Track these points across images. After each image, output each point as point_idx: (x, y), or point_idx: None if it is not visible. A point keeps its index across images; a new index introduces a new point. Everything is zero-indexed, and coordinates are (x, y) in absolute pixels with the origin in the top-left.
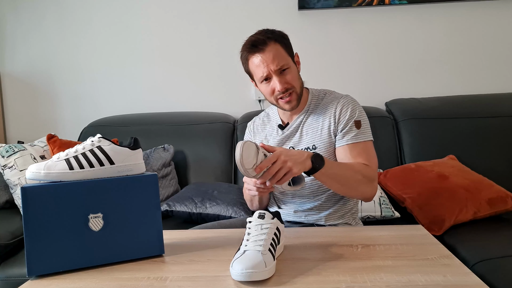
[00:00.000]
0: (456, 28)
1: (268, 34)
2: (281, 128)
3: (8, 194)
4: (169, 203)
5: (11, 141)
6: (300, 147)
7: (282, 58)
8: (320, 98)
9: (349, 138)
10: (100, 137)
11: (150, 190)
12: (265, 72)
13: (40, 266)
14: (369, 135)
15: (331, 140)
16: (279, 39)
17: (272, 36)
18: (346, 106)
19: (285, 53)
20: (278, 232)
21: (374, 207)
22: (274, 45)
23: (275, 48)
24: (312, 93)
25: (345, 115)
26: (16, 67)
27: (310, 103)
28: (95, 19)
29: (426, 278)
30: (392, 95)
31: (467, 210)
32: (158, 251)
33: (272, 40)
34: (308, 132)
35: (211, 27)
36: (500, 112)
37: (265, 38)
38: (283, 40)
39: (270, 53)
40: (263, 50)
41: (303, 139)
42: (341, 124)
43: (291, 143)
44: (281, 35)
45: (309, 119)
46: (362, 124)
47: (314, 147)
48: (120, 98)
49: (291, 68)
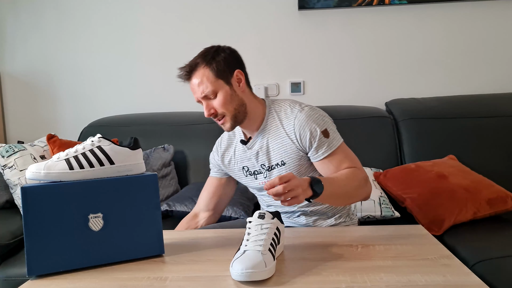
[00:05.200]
0: (456, 28)
1: (197, 59)
2: (244, 143)
3: (8, 194)
4: (169, 203)
5: (11, 141)
6: (272, 163)
7: (208, 85)
8: (276, 112)
9: (324, 151)
10: (100, 137)
11: (150, 190)
12: (195, 97)
13: (40, 266)
14: (339, 137)
15: (299, 155)
16: (209, 62)
17: (200, 61)
18: (303, 127)
19: (213, 77)
20: (278, 232)
21: (374, 207)
22: (202, 70)
23: (201, 74)
24: (268, 106)
25: (306, 135)
26: (16, 67)
27: (267, 118)
28: (95, 19)
29: (426, 278)
30: (392, 95)
31: (467, 210)
32: (158, 251)
33: (200, 66)
34: (274, 148)
35: (211, 27)
36: (500, 112)
37: (193, 64)
38: (213, 61)
39: (196, 80)
40: (190, 78)
41: (271, 156)
42: (307, 143)
43: (261, 159)
44: (213, 55)
45: (271, 135)
46: (329, 131)
47: (283, 162)
48: (120, 98)
49: (220, 92)
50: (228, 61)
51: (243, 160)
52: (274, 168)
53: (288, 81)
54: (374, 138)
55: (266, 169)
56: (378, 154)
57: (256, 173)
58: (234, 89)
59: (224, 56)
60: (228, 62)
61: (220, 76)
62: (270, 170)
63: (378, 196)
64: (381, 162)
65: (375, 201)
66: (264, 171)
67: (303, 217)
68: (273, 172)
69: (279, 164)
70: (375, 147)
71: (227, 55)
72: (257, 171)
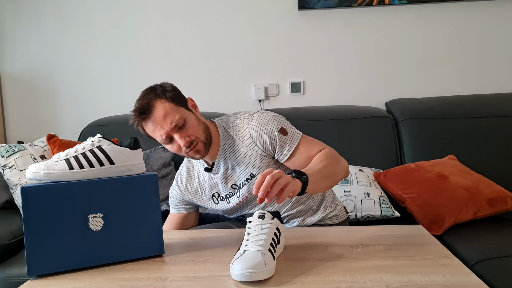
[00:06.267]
0: (456, 28)
1: (150, 95)
2: (208, 170)
3: (8, 194)
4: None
5: (11, 141)
6: (240, 180)
7: (174, 114)
8: (228, 127)
9: (288, 148)
10: (100, 137)
11: (150, 190)
12: (163, 134)
13: (40, 266)
14: (297, 131)
15: (266, 161)
16: (163, 95)
17: (154, 96)
18: (259, 130)
19: (174, 107)
20: (278, 232)
21: (374, 207)
22: (160, 104)
23: (162, 106)
24: (220, 125)
25: (265, 140)
26: (16, 67)
27: (223, 137)
28: (95, 19)
29: (426, 278)
30: (392, 95)
31: (467, 210)
32: (158, 251)
33: (156, 100)
34: (240, 164)
35: (211, 27)
36: (500, 112)
37: (148, 101)
38: (167, 93)
39: (160, 114)
40: (151, 114)
41: (238, 173)
42: (269, 146)
43: (230, 180)
44: (163, 90)
45: (231, 152)
46: (285, 128)
47: (251, 175)
48: (120, 98)
49: (187, 118)
50: (176, 91)
51: (212, 187)
52: (245, 184)
53: (288, 81)
54: (374, 138)
55: (238, 187)
56: (378, 154)
57: (228, 197)
58: (195, 114)
59: (170, 88)
60: (177, 92)
61: (179, 104)
62: (241, 188)
63: (378, 196)
64: (381, 162)
65: (375, 201)
66: (236, 191)
67: (291, 221)
68: (244, 188)
69: (248, 178)
70: (375, 147)
71: (171, 87)
72: (229, 194)
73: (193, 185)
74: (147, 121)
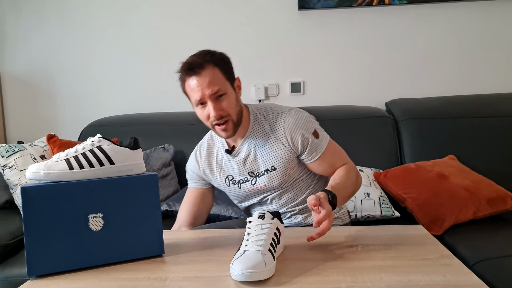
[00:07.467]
0: (456, 28)
1: (206, 57)
2: (229, 152)
3: (8, 194)
4: (169, 203)
5: (11, 141)
6: (260, 170)
7: (218, 83)
8: (263, 117)
9: (317, 151)
10: (100, 137)
11: (150, 190)
12: (199, 96)
13: (40, 266)
14: (326, 135)
15: (290, 158)
16: (218, 63)
17: (210, 60)
18: (294, 129)
19: (223, 78)
20: (278, 232)
21: (374, 207)
22: (211, 69)
23: (212, 72)
24: (253, 112)
25: (298, 140)
26: (16, 67)
27: (253, 124)
28: (96, 19)
29: (426, 278)
30: (392, 95)
31: (467, 210)
32: (158, 251)
33: (210, 64)
34: (263, 154)
35: (211, 27)
36: (500, 112)
37: (202, 61)
38: (223, 64)
39: (206, 78)
40: (199, 74)
41: (259, 162)
42: (300, 146)
43: (248, 167)
44: (221, 58)
45: (259, 141)
46: (317, 131)
47: (273, 168)
48: (120, 98)
49: (228, 94)
50: (231, 67)
51: (227, 169)
52: (264, 174)
53: (288, 81)
54: (374, 138)
55: (255, 175)
56: (378, 154)
57: (240, 182)
58: (236, 94)
59: (227, 61)
60: (231, 68)
61: (228, 78)
62: (259, 176)
63: (378, 196)
64: (381, 162)
65: (375, 201)
66: (251, 179)
67: (293, 217)
68: (262, 178)
69: (269, 169)
70: (375, 147)
71: (230, 62)
72: (243, 179)
73: (211, 162)
74: (192, 78)
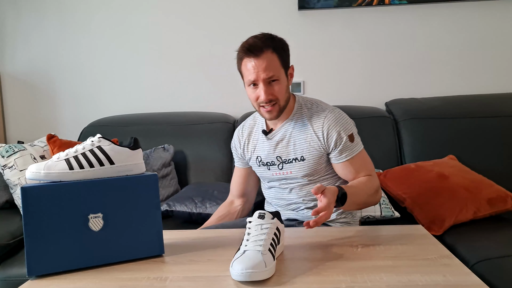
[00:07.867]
0: (456, 28)
1: (267, 42)
2: (265, 133)
3: (8, 194)
4: (169, 203)
5: (11, 141)
6: (289, 157)
7: (274, 69)
8: (307, 108)
9: (347, 154)
10: (100, 137)
11: (150, 190)
12: (254, 77)
13: (40, 266)
14: (361, 143)
15: (320, 153)
16: (277, 49)
17: (271, 44)
18: (333, 126)
19: (279, 65)
20: (278, 232)
21: (374, 207)
22: (270, 54)
23: (270, 57)
24: (298, 101)
25: (332, 137)
26: (16, 67)
27: (295, 113)
28: (96, 19)
29: (426, 278)
30: (392, 95)
31: (467, 210)
32: (158, 251)
33: (269, 49)
34: (296, 143)
35: (211, 27)
36: (500, 112)
37: (263, 45)
38: (281, 51)
39: (264, 62)
40: (257, 56)
41: (291, 149)
42: (333, 143)
43: (278, 151)
44: (281, 45)
45: (296, 129)
46: (354, 136)
47: (302, 158)
48: (120, 98)
49: (280, 80)
50: (288, 55)
51: (258, 150)
52: (291, 162)
53: None
54: (374, 138)
55: (282, 161)
56: (378, 154)
57: (269, 164)
58: (288, 82)
59: (286, 48)
60: (288, 56)
61: (283, 66)
62: (286, 163)
63: None
64: (381, 162)
65: None
66: (279, 163)
67: (306, 210)
68: (289, 165)
69: (297, 159)
70: (375, 147)
71: (288, 49)
72: (270, 162)
73: (250, 140)
74: (250, 59)
